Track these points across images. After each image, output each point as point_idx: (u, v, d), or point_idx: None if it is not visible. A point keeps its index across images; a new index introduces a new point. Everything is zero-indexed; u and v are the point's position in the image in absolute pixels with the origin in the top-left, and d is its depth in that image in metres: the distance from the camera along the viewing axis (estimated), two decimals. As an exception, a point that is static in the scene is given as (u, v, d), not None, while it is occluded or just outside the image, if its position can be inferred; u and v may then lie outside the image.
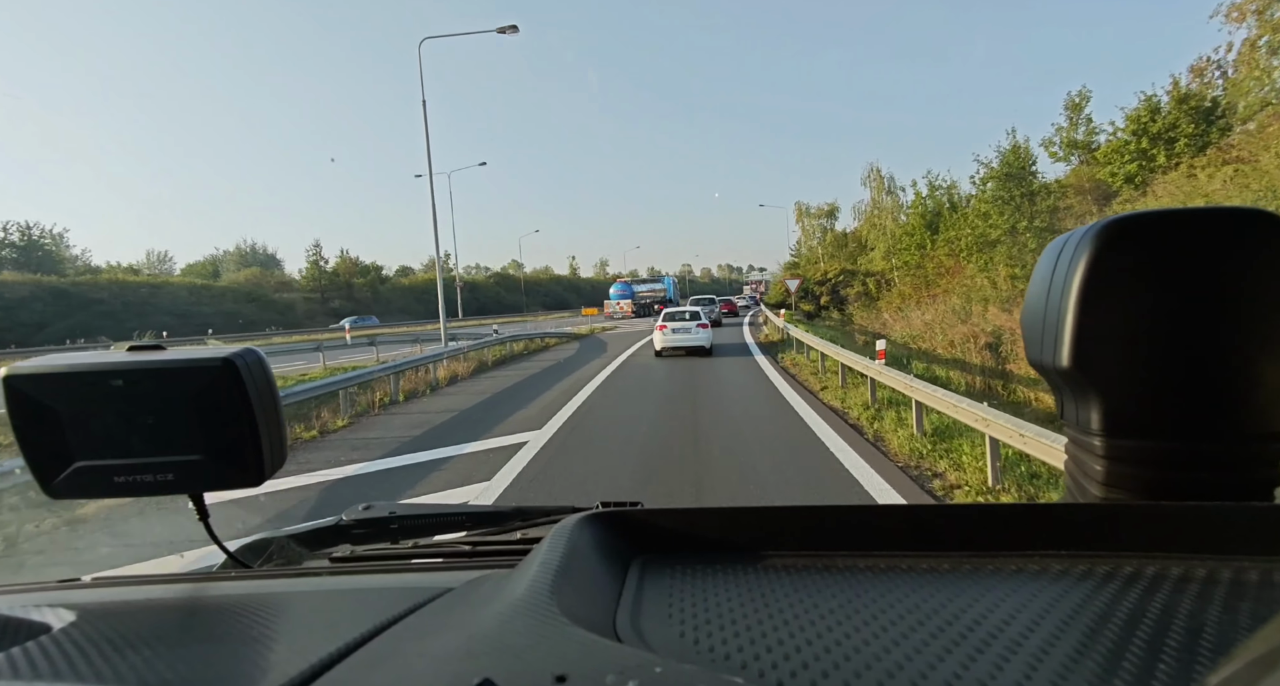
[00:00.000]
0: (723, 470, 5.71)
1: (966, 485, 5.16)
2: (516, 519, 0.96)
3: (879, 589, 0.41)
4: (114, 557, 4.13)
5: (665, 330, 15.09)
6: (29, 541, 4.42)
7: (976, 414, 5.19)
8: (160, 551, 3.95)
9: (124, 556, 4.11)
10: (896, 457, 6.09)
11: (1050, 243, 0.56)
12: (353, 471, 6.28)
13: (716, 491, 5.09)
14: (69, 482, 0.57)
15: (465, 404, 10.09)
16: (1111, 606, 0.36)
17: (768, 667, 0.32)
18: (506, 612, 0.37)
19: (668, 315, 15.92)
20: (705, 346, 14.97)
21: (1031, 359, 0.57)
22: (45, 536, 4.51)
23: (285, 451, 0.63)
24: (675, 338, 14.98)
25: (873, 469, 5.61)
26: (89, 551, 4.28)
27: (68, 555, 4.22)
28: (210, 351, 0.57)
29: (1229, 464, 0.49)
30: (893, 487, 5.11)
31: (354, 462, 6.57)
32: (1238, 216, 0.48)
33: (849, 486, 5.20)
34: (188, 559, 3.23)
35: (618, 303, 46.58)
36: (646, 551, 0.50)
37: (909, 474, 5.56)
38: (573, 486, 5.43)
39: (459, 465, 6.29)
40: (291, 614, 0.52)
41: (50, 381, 0.55)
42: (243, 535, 0.89)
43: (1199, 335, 0.47)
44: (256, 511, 4.93)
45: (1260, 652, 0.21)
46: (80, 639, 0.42)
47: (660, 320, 15.66)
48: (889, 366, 8.30)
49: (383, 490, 5.66)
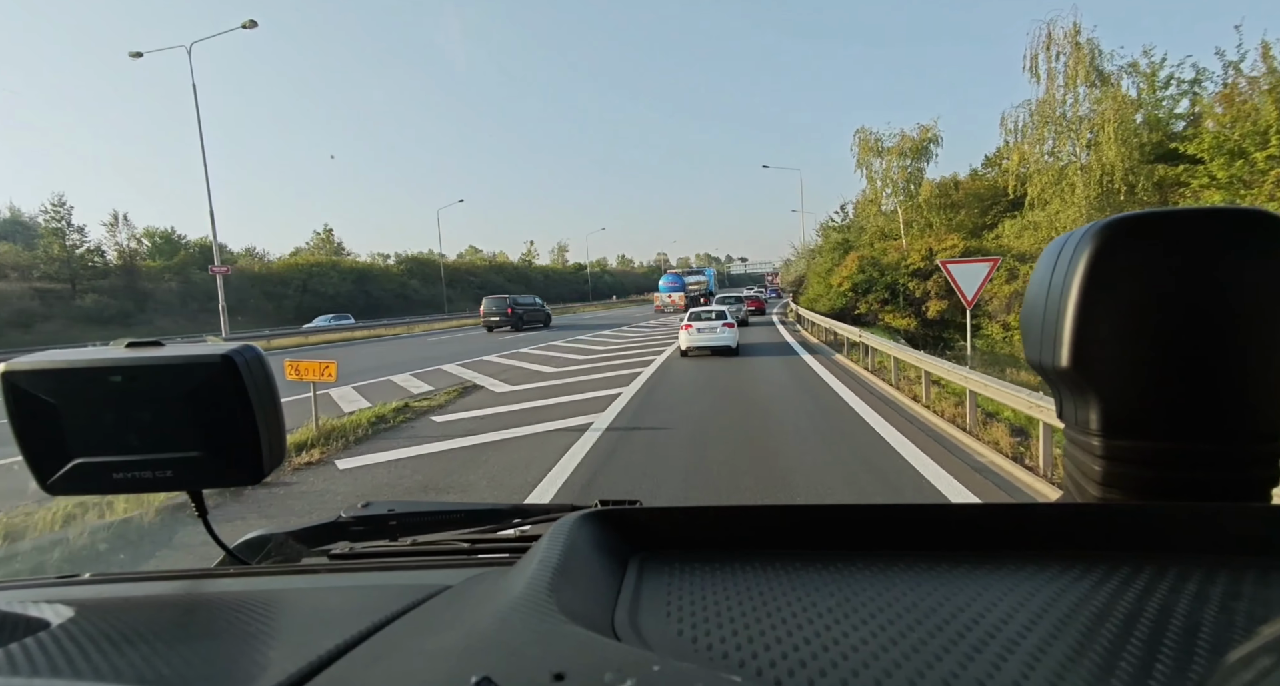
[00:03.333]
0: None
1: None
2: (515, 517, 0.97)
3: (877, 587, 0.41)
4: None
5: (691, 329, 14.95)
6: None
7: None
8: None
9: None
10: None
11: (1050, 242, 0.55)
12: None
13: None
14: (67, 479, 0.57)
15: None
16: (1109, 606, 0.36)
17: (766, 665, 0.32)
18: (505, 610, 0.36)
19: (693, 314, 15.77)
20: (731, 346, 14.78)
21: (1030, 358, 0.56)
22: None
23: (284, 448, 0.63)
24: (701, 337, 14.79)
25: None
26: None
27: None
28: (209, 348, 0.57)
29: (1228, 464, 0.48)
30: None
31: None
32: (1238, 217, 0.47)
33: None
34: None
35: (669, 296, 42.18)
36: (645, 549, 0.50)
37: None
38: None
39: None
40: (290, 611, 0.52)
41: (49, 377, 0.55)
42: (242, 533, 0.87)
43: (1198, 335, 0.47)
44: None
45: (1256, 652, 0.20)
46: (79, 635, 0.42)
47: (686, 319, 15.62)
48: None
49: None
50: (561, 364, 14.39)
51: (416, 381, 12.25)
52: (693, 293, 41.94)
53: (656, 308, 42.13)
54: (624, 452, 6.31)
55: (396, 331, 30.79)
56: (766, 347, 16.59)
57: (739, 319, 20.68)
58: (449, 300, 54.46)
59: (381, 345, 22.92)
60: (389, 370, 14.06)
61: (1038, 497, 5.10)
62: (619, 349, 17.59)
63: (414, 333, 30.20)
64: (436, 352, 18.28)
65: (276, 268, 49.39)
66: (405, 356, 17.45)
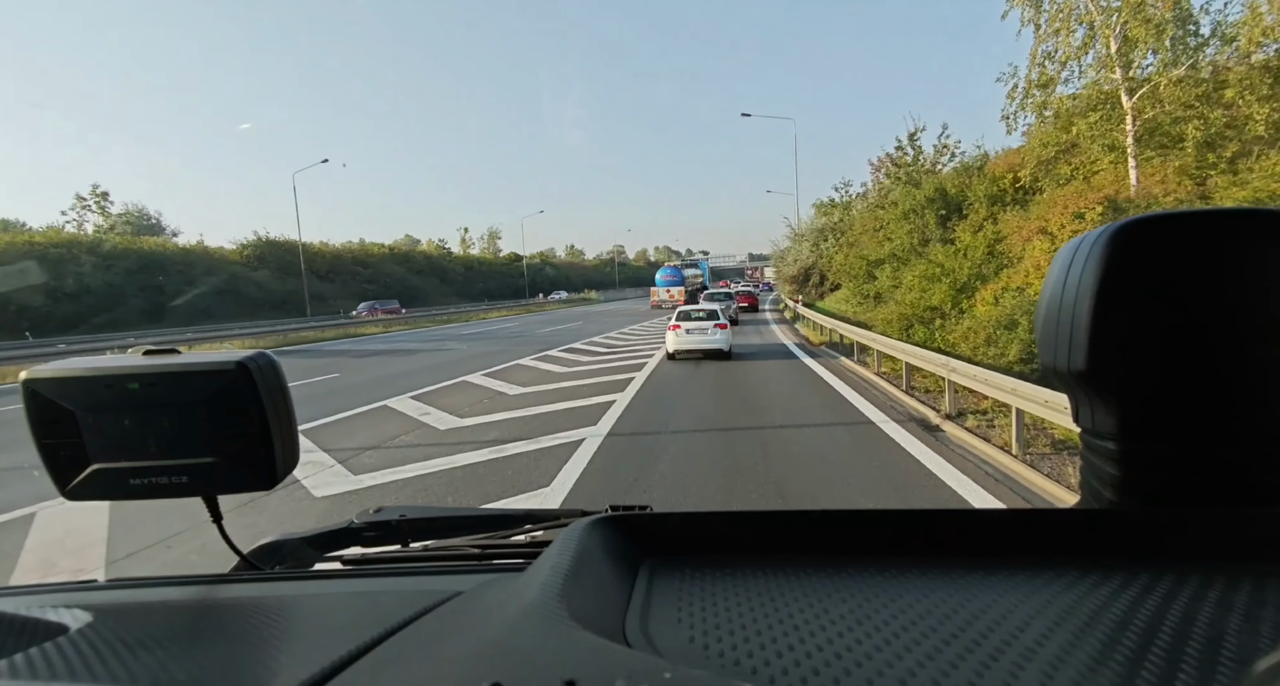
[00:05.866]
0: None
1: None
2: (526, 522, 0.96)
3: (890, 594, 0.41)
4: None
5: (679, 330, 13.33)
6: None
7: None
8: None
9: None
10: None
11: (1064, 244, 0.55)
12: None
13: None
14: (86, 485, 0.58)
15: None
16: (1129, 613, 0.36)
17: (778, 673, 0.31)
18: (516, 616, 0.37)
19: (682, 314, 13.99)
20: (724, 349, 13.19)
21: (1045, 362, 0.55)
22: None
23: (297, 453, 0.63)
24: (691, 339, 13.20)
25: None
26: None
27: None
28: (223, 355, 0.58)
29: (1247, 468, 0.48)
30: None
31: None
32: (1255, 218, 0.47)
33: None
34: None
35: (668, 291, 38.05)
36: (656, 555, 0.50)
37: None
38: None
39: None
40: (303, 616, 0.53)
41: (68, 385, 0.56)
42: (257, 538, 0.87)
43: (1216, 338, 0.46)
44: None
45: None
46: (96, 639, 0.43)
47: (674, 319, 13.84)
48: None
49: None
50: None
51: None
52: (691, 287, 38.00)
53: (653, 304, 37.68)
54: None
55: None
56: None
57: (730, 317, 18.66)
58: (317, 299, 38.57)
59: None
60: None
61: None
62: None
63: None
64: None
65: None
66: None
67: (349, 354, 17.92)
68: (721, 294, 28.54)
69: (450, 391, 10.16)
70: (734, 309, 23.53)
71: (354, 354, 17.88)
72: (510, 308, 46.30)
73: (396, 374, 12.73)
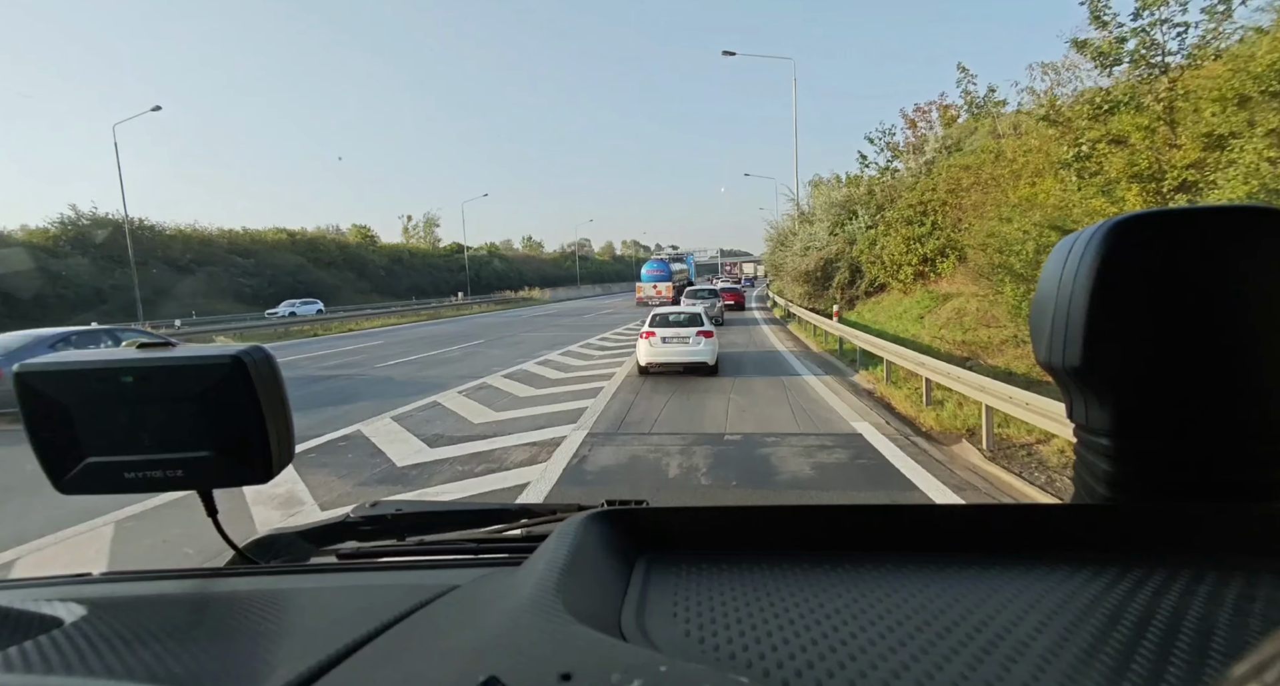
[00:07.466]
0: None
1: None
2: (522, 516, 0.96)
3: (886, 588, 0.41)
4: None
5: (654, 338, 10.35)
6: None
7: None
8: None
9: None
10: None
11: (1059, 241, 0.55)
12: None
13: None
14: (80, 478, 0.58)
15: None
16: (1121, 608, 0.36)
17: (773, 666, 0.32)
18: (512, 610, 0.37)
19: (658, 319, 11.04)
20: (708, 363, 10.25)
21: (1040, 359, 0.55)
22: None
23: (293, 447, 0.63)
24: (668, 349, 10.19)
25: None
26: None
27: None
28: (219, 349, 0.58)
29: (1241, 465, 0.48)
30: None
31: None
32: (1250, 214, 0.47)
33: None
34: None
35: (655, 286, 34.30)
36: (652, 549, 0.50)
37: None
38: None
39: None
40: (299, 610, 0.53)
41: (62, 378, 0.56)
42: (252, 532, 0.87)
43: (1211, 334, 0.47)
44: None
45: (1273, 655, 0.20)
46: (91, 633, 0.43)
47: (648, 325, 10.85)
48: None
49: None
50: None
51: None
52: (679, 282, 35.11)
53: (639, 299, 35.24)
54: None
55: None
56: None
57: (715, 318, 16.32)
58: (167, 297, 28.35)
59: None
60: None
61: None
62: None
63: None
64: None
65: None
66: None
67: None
68: (705, 290, 23.88)
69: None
70: (719, 307, 20.82)
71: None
72: (384, 313, 31.73)
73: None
